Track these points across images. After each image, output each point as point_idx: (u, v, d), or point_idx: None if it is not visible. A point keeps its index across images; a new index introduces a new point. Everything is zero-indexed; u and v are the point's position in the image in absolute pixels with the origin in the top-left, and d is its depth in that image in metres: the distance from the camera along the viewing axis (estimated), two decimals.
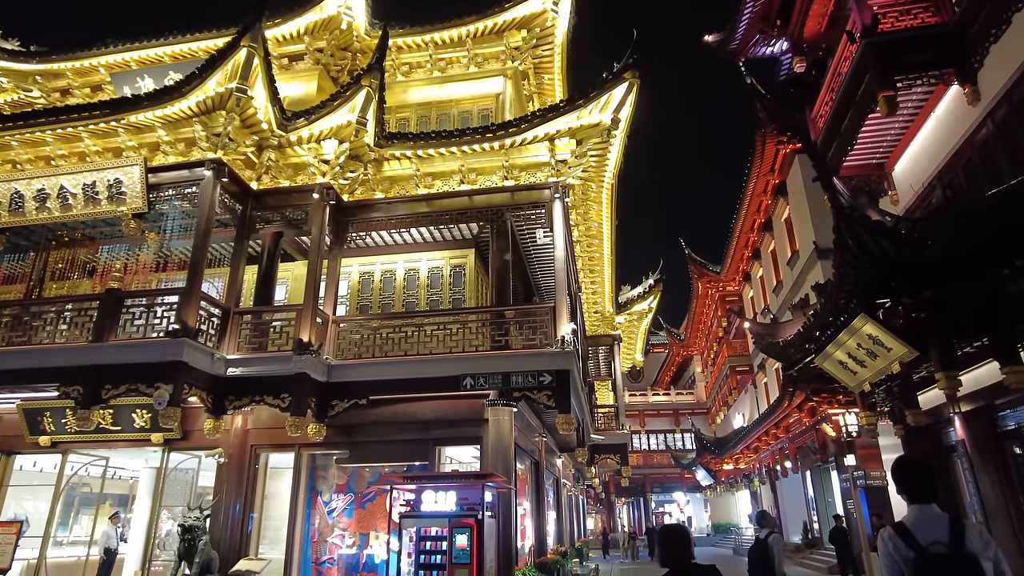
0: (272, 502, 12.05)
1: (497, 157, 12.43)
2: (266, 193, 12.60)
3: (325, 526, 11.44)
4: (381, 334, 11.88)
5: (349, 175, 12.65)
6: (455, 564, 9.03)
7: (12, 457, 13.08)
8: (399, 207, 12.89)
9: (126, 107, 11.35)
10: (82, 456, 13.07)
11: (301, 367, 10.65)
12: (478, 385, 10.98)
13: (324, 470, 11.80)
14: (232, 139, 11.52)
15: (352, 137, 12.03)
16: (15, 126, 11.77)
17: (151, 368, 10.06)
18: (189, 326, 10.31)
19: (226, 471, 11.64)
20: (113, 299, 10.95)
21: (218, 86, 10.93)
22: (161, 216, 11.95)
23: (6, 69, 16.85)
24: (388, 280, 14.13)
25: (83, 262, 14.20)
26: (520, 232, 13.46)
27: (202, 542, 10.26)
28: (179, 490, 13.42)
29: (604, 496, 43.52)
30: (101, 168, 11.74)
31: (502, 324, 11.57)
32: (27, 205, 11.99)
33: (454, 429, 11.41)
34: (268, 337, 11.41)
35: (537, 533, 14.46)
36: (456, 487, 9.48)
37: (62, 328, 11.26)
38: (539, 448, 15.08)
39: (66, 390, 10.43)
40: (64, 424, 12.08)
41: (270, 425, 11.70)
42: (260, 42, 10.96)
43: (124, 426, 11.91)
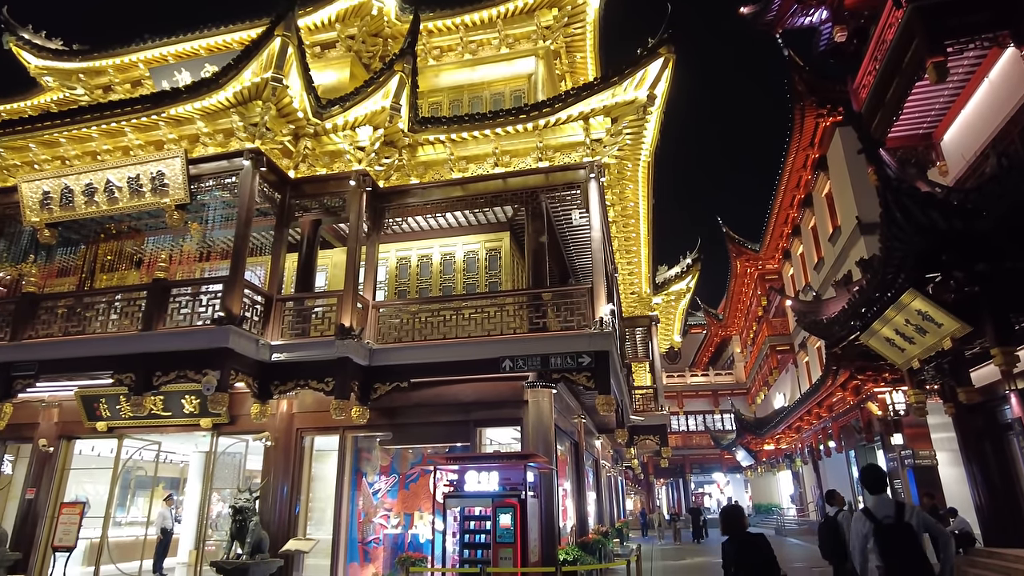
0: (318, 484, 12.34)
1: (531, 138, 12.36)
2: (304, 181, 12.77)
3: (370, 507, 11.68)
4: (420, 318, 12.00)
5: (384, 161, 12.72)
6: (499, 543, 9.15)
7: (72, 442, 13.66)
8: (434, 192, 12.93)
9: (166, 100, 11.58)
10: (136, 441, 13.56)
11: (343, 351, 10.84)
12: (517, 367, 11.03)
13: (368, 452, 12.02)
14: (269, 128, 11.67)
15: (386, 123, 12.08)
16: (63, 123, 12.12)
17: (199, 355, 10.37)
18: (234, 313, 10.57)
19: (273, 454, 11.95)
20: (160, 289, 11.28)
21: (254, 76, 11.07)
22: (203, 207, 12.20)
23: (52, 68, 17.33)
24: (425, 265, 14.22)
25: (130, 253, 14.64)
26: (555, 214, 13.39)
27: (253, 523, 10.57)
28: (228, 473, 13.84)
29: (643, 477, 43.48)
30: (144, 161, 12.04)
31: (539, 306, 11.56)
32: (76, 200, 12.38)
33: (494, 411, 11.49)
34: (310, 323, 11.62)
35: (578, 513, 14.53)
36: (498, 468, 9.58)
37: (113, 318, 11.65)
38: (578, 429, 15.10)
39: (119, 377, 10.83)
40: (119, 410, 12.54)
41: (315, 409, 11.96)
42: (293, 31, 11.04)
43: (175, 412, 12.32)
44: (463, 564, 9.34)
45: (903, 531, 4.92)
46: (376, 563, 11.31)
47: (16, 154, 12.77)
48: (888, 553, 4.91)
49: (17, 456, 14.10)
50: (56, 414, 13.56)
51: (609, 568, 14.61)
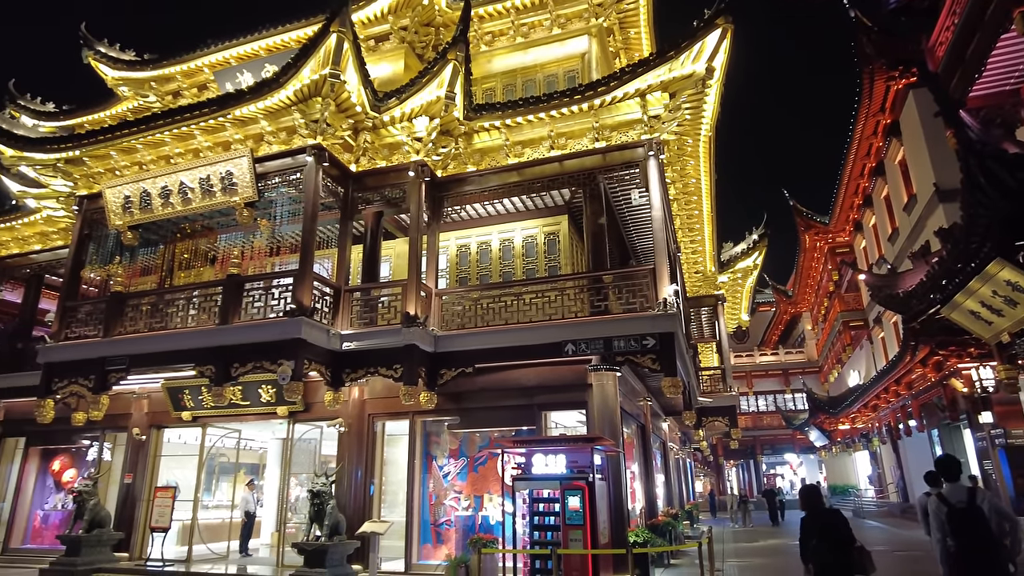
0: (390, 468, 12.72)
1: (586, 119, 12.21)
2: (365, 174, 13.05)
3: (441, 489, 11.95)
4: (482, 304, 12.12)
5: (441, 150, 12.84)
6: (569, 525, 9.21)
7: (162, 431, 14.55)
8: (491, 178, 12.97)
9: (230, 102, 12.01)
10: (218, 429, 14.29)
11: (410, 339, 11.08)
12: (579, 351, 11.01)
13: (437, 436, 12.29)
14: (329, 124, 11.95)
15: (442, 112, 12.17)
16: (138, 130, 12.77)
17: (273, 346, 10.82)
18: (305, 305, 10.95)
19: (346, 440, 12.38)
20: (234, 284, 11.79)
21: (312, 73, 11.33)
22: (271, 203, 12.63)
23: (126, 79, 18.26)
24: (484, 252, 14.33)
25: (205, 251, 15.35)
26: (614, 194, 13.22)
27: (330, 506, 10.97)
28: (304, 459, 14.43)
29: (712, 459, 42.77)
30: (213, 162, 12.55)
31: (600, 289, 11.48)
32: (154, 202, 13.04)
33: (558, 394, 11.53)
34: (377, 312, 11.92)
35: (647, 495, 14.45)
36: (565, 451, 9.62)
37: (192, 313, 12.28)
38: (644, 412, 14.97)
39: (200, 369, 11.41)
40: (201, 400, 13.25)
41: (384, 395, 12.31)
42: (348, 26, 11.23)
43: (252, 401, 12.92)
44: (534, 546, 9.45)
45: (974, 514, 5.57)
46: (448, 544, 11.58)
47: (99, 162, 13.54)
48: (960, 533, 5.61)
49: (115, 444, 15.10)
50: (146, 405, 14.46)
51: (680, 550, 14.50)
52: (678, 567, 13.03)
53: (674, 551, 13.82)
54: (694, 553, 13.24)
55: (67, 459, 15.90)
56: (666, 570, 12.49)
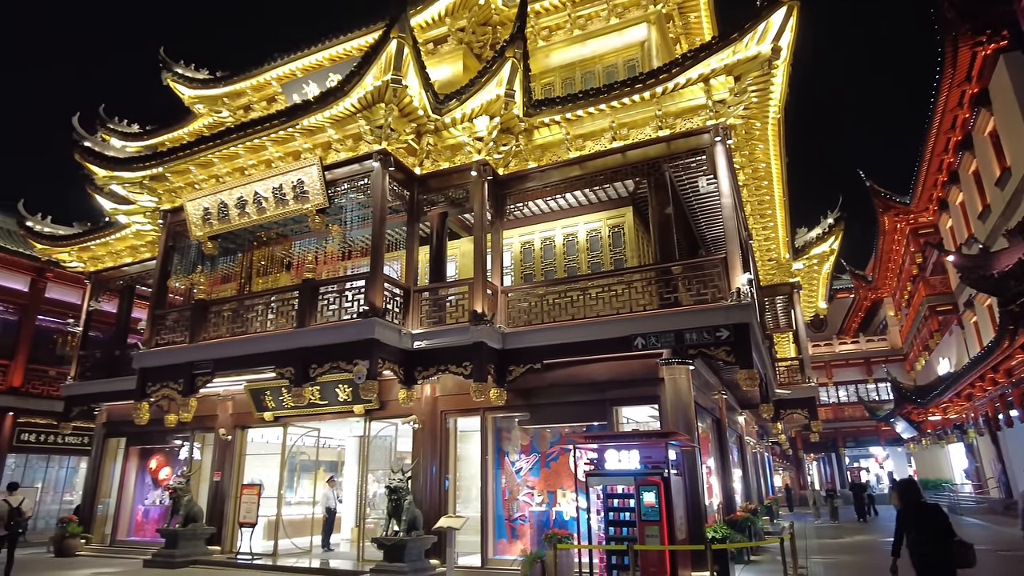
0: (463, 464, 12.89)
1: (648, 108, 11.99)
2: (429, 176, 13.26)
3: (514, 485, 12.02)
4: (547, 300, 12.11)
5: (502, 149, 12.90)
6: (644, 521, 9.08)
7: (246, 431, 15.25)
8: (552, 174, 12.93)
9: (298, 113, 12.43)
10: (298, 428, 14.85)
11: (478, 336, 11.20)
12: (650, 345, 10.84)
13: (508, 432, 12.36)
14: (393, 129, 12.20)
15: (502, 111, 12.22)
16: (214, 144, 13.40)
17: (348, 347, 11.16)
18: (377, 306, 11.24)
19: (420, 436, 12.64)
20: (310, 288, 12.22)
21: (375, 80, 11.58)
22: (341, 209, 13.01)
23: (201, 96, 19.19)
24: (548, 247, 14.30)
25: (280, 258, 15.97)
26: (680, 183, 12.93)
27: (407, 501, 11.24)
28: (381, 455, 14.80)
29: (791, 452, 41.29)
30: (285, 172, 13.03)
31: (669, 281, 11.26)
32: (231, 212, 13.66)
33: (629, 389, 11.39)
34: (445, 311, 12.10)
35: (724, 490, 14.09)
36: (639, 446, 9.48)
37: (271, 317, 12.80)
38: (719, 405, 14.60)
39: (280, 371, 11.89)
40: (282, 401, 13.80)
41: (456, 392, 12.49)
42: (408, 31, 11.41)
43: (330, 400, 13.37)
44: (609, 541, 9.37)
45: None
46: (523, 540, 11.63)
47: (180, 177, 14.30)
48: None
49: (203, 444, 15.94)
50: (231, 406, 15.20)
51: (760, 546, 14.07)
52: (759, 564, 12.65)
53: (754, 547, 13.42)
54: (775, 550, 12.81)
55: (162, 458, 16.90)
56: (746, 567, 12.15)
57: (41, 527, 20.64)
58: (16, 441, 21.62)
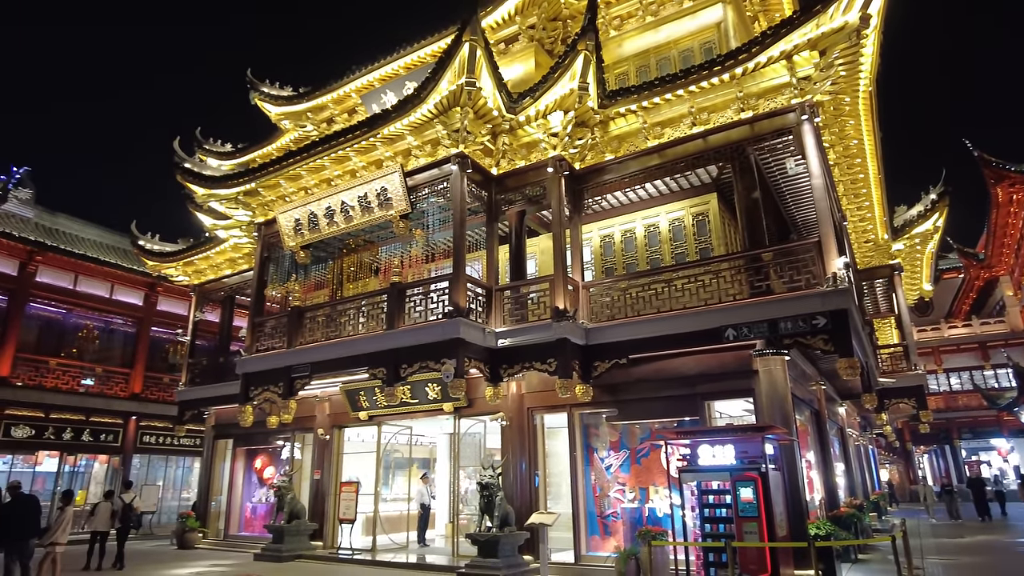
0: (552, 460, 12.91)
1: (728, 90, 11.57)
2: (506, 176, 13.35)
3: (604, 481, 11.92)
4: (631, 294, 11.93)
5: (578, 143, 12.81)
6: (742, 517, 8.79)
7: (342, 430, 15.90)
8: (630, 164, 12.71)
9: (378, 122, 12.80)
10: (392, 426, 15.32)
11: (560, 333, 11.18)
12: (741, 336, 10.48)
13: (596, 428, 12.28)
14: (469, 131, 12.35)
15: (576, 104, 12.12)
16: (301, 158, 14.01)
17: (436, 347, 11.42)
18: (461, 306, 11.44)
19: (508, 433, 12.77)
20: (397, 291, 12.58)
21: (449, 84, 11.75)
22: (423, 213, 13.31)
23: (287, 113, 20.13)
24: (629, 240, 14.07)
25: (368, 263, 16.53)
26: (766, 166, 12.40)
27: (498, 498, 11.37)
28: (471, 452, 15.04)
29: (899, 445, 38.81)
30: (368, 180, 13.45)
31: (760, 268, 10.82)
32: (320, 222, 14.25)
33: (721, 383, 11.05)
34: (527, 308, 12.15)
35: (826, 485, 13.43)
36: (733, 440, 9.18)
37: (362, 321, 13.27)
38: (818, 396, 13.93)
39: (373, 372, 12.30)
40: (375, 400, 14.28)
41: (541, 388, 12.54)
42: (479, 33, 11.51)
43: (421, 399, 13.74)
44: (705, 538, 9.14)
45: None
46: (616, 536, 11.52)
47: (271, 191, 15.05)
48: None
49: (303, 444, 16.73)
50: (328, 407, 15.88)
51: (868, 544, 13.31)
52: (868, 563, 11.98)
53: (862, 545, 12.71)
54: (885, 548, 12.09)
55: (266, 458, 17.88)
56: (853, 566, 11.53)
57: (164, 521, 22.33)
58: (139, 443, 23.52)
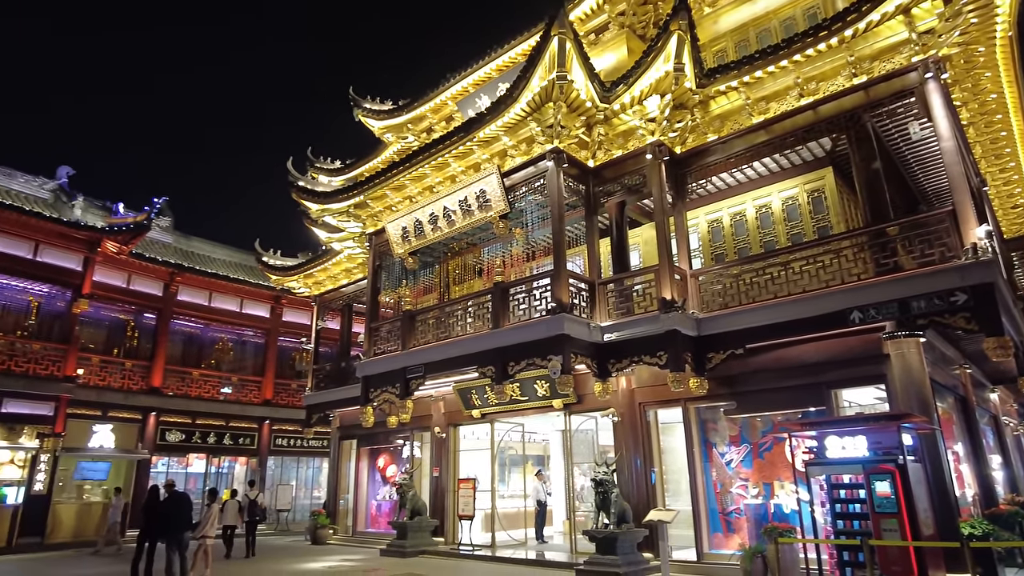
0: (668, 456, 12.56)
1: (838, 55, 10.77)
2: (603, 167, 13.16)
3: (725, 477, 11.44)
4: (744, 280, 11.38)
5: (677, 126, 12.41)
6: (879, 513, 8.14)
7: (457, 428, 16.31)
8: (735, 143, 12.13)
9: (474, 126, 13.00)
10: (504, 424, 15.52)
11: (670, 324, 10.85)
12: (868, 317, 9.71)
13: (713, 422, 11.80)
14: (563, 126, 12.27)
15: (672, 87, 11.74)
16: (403, 168, 14.52)
17: (541, 343, 11.45)
18: (564, 302, 11.39)
19: (621, 429, 12.56)
20: (500, 290, 12.74)
21: (541, 80, 11.73)
22: (521, 212, 13.39)
23: (389, 126, 20.94)
24: (739, 223, 13.42)
25: (472, 265, 16.88)
26: (886, 133, 11.42)
27: (614, 494, 11.21)
28: (584, 449, 14.95)
29: None
30: (467, 184, 13.71)
31: (885, 244, 9.97)
32: (425, 228, 14.70)
33: (847, 369, 10.28)
34: (632, 301, 11.91)
35: (980, 480, 12.12)
36: (864, 431, 8.52)
37: (469, 321, 13.56)
38: (963, 382, 12.63)
39: (482, 370, 12.52)
40: (487, 398, 14.55)
41: (652, 383, 12.23)
42: (567, 26, 11.39)
43: (530, 396, 13.83)
44: (838, 536, 8.54)
45: None
46: (740, 533, 11.02)
47: (379, 202, 15.71)
48: None
49: (422, 442, 17.32)
50: (443, 406, 16.35)
51: None
52: None
53: None
54: None
55: (388, 456, 18.67)
56: (1021, 572, 10.33)
57: (298, 518, 23.90)
58: (273, 445, 25.31)
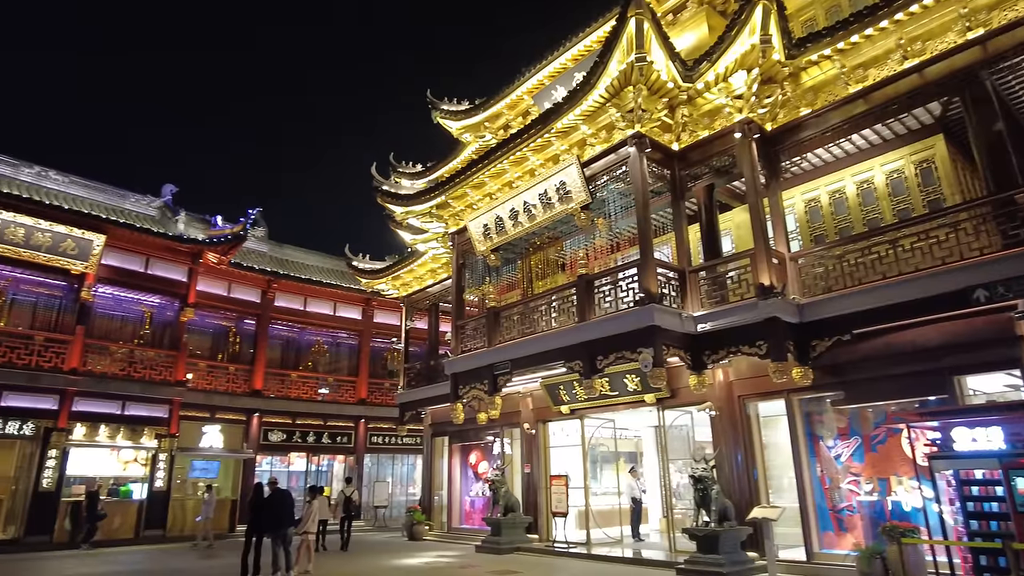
0: (770, 451, 11.90)
1: (948, 8, 9.84)
2: (688, 150, 12.63)
3: (834, 472, 10.69)
4: (847, 261, 10.60)
5: (766, 102, 11.73)
6: (1022, 513, 7.31)
7: (546, 424, 16.16)
8: (831, 116, 11.33)
9: (551, 117, 12.80)
10: (594, 420, 15.22)
11: (769, 311, 10.25)
12: (996, 296, 8.78)
13: (819, 414, 11.04)
14: (644, 109, 11.85)
15: (759, 60, 11.10)
16: (482, 165, 14.52)
17: (630, 336, 11.09)
18: (652, 292, 10.99)
19: (719, 423, 12.00)
20: (585, 283, 12.47)
21: (619, 64, 11.36)
22: (603, 202, 13.08)
23: (465, 126, 21.04)
24: (839, 201, 12.52)
25: (554, 259, 16.67)
26: (1008, 91, 10.31)
27: (714, 491, 10.73)
28: (679, 445, 14.44)
29: None
30: (547, 177, 13.52)
31: (1013, 213, 8.98)
32: (506, 224, 14.64)
33: (974, 354, 9.32)
34: (726, 288, 11.35)
35: None
36: (1000, 421, 7.71)
37: (553, 316, 13.37)
38: None
39: (569, 365, 12.30)
40: (575, 394, 14.32)
41: (751, 374, 11.61)
42: (644, 6, 10.96)
43: (620, 391, 13.48)
44: (972, 537, 7.75)
45: None
46: (854, 532, 10.27)
47: (459, 201, 15.80)
48: None
49: (512, 438, 17.30)
50: (531, 402, 16.26)
51: None
52: None
53: None
54: None
55: (479, 453, 18.78)
56: None
57: (394, 515, 24.50)
58: (368, 443, 26.10)
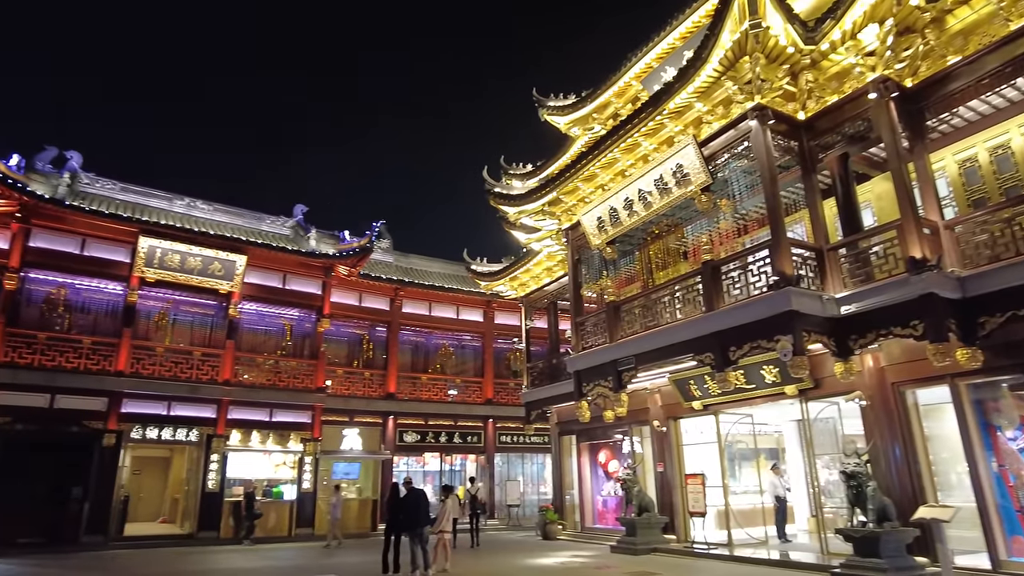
0: (933, 443, 10.63)
1: None
2: (816, 118, 11.64)
3: (1018, 467, 9.34)
4: (1019, 225, 9.25)
5: (904, 55, 10.54)
6: None
7: (678, 421, 15.51)
8: (987, 60, 9.95)
9: (662, 97, 12.28)
10: (729, 416, 14.39)
11: (924, 287, 9.16)
12: None
13: (994, 400, 9.69)
14: (763, 79, 11.04)
15: (893, 9, 10.01)
16: (592, 155, 14.24)
17: (764, 323, 10.37)
18: (787, 274, 10.19)
19: (871, 414, 10.89)
20: (711, 270, 11.83)
21: (732, 34, 10.68)
22: (725, 182, 12.29)
23: (573, 120, 20.70)
24: (1002, 158, 11.00)
25: (675, 247, 16.02)
26: None
27: (869, 488, 9.74)
28: (825, 439, 13.34)
29: None
30: (661, 162, 12.98)
31: None
32: (620, 215, 14.23)
33: None
34: (870, 265, 10.30)
35: None
36: None
37: (678, 306, 12.81)
38: None
39: (699, 358, 11.71)
40: (707, 389, 13.61)
41: (907, 359, 10.42)
42: None
43: (757, 383, 12.62)
44: None
45: None
46: None
47: (571, 196, 15.59)
48: None
49: (641, 436, 16.78)
50: (660, 398, 15.68)
51: None
52: None
53: None
54: None
55: (609, 452, 18.41)
56: None
57: (527, 514, 24.63)
58: (497, 443, 26.46)
